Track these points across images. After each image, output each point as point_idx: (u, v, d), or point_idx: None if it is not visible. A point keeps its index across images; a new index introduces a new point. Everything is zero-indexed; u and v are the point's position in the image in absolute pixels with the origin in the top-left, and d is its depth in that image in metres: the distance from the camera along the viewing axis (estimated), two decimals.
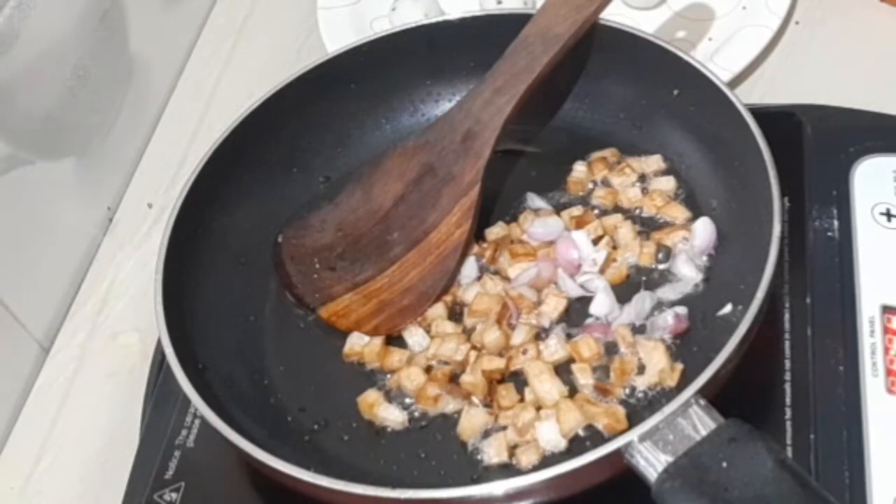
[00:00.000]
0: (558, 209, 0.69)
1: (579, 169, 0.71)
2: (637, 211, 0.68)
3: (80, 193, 0.82)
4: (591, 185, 0.70)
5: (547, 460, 0.57)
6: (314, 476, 0.52)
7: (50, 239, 0.77)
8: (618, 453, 0.51)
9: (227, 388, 0.61)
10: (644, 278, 0.65)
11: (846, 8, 0.81)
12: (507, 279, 0.66)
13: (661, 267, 0.65)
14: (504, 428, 0.59)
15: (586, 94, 0.73)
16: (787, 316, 0.63)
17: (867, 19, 0.81)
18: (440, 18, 0.75)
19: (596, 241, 0.66)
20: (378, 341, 0.64)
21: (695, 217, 0.66)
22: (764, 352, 0.60)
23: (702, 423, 0.50)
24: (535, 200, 0.70)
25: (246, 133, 0.69)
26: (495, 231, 0.69)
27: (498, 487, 0.51)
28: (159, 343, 0.61)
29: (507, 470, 0.58)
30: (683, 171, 0.69)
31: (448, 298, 0.66)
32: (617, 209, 0.68)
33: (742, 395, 0.55)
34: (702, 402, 0.51)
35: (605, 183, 0.70)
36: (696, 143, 0.68)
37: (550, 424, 0.58)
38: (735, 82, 0.77)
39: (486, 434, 0.59)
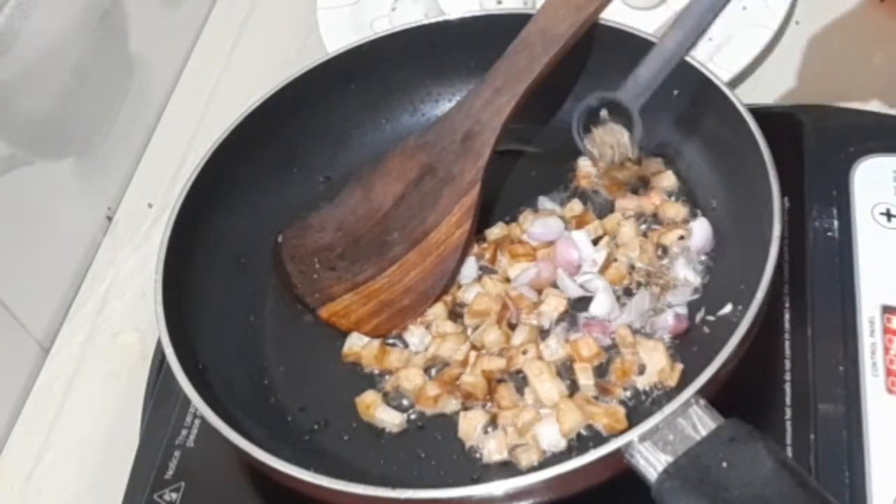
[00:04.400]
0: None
1: (584, 164, 0.71)
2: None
3: (80, 193, 0.82)
4: (596, 179, 0.70)
5: (547, 460, 0.58)
6: (314, 476, 0.52)
7: (50, 239, 0.77)
8: (618, 453, 0.51)
9: (227, 388, 0.61)
10: (644, 278, 0.65)
11: (846, 8, 0.81)
12: (507, 279, 0.66)
13: (662, 267, 0.65)
14: (504, 427, 0.59)
15: (586, 94, 0.73)
16: (787, 316, 0.63)
17: (867, 19, 0.81)
18: (440, 18, 0.75)
19: (596, 241, 0.66)
20: (376, 343, 0.64)
21: (694, 216, 0.66)
22: (764, 352, 0.60)
23: (702, 423, 0.50)
24: (545, 203, 0.70)
25: (246, 133, 0.69)
26: (495, 231, 0.69)
27: (498, 487, 0.51)
28: (159, 343, 0.61)
29: (507, 468, 0.58)
30: (683, 171, 0.69)
31: (448, 298, 0.66)
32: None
33: (742, 395, 0.55)
34: (702, 402, 0.51)
35: (611, 176, 0.70)
36: (696, 142, 0.68)
37: (550, 424, 0.58)
38: (735, 82, 0.77)
39: (486, 433, 0.59)
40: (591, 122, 0.65)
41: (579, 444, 0.58)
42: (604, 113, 0.64)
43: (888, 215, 0.66)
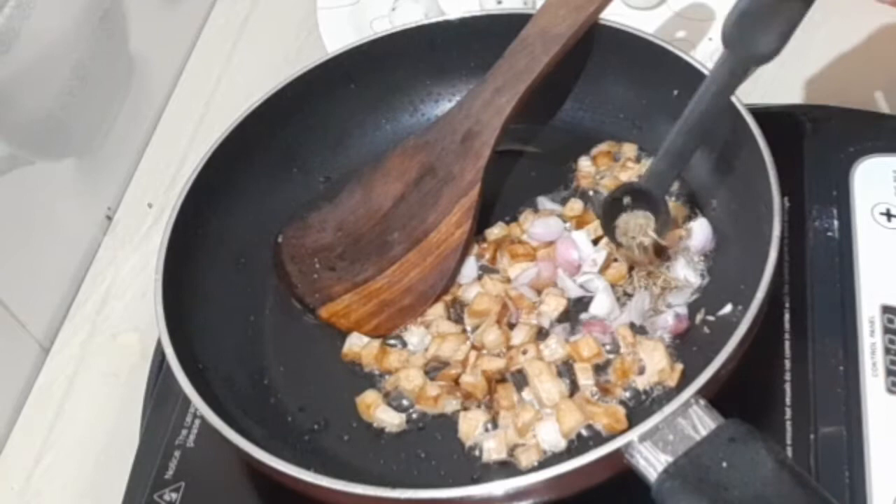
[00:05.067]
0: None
1: (585, 164, 0.71)
2: None
3: (80, 193, 0.82)
4: (598, 178, 0.70)
5: (547, 460, 0.58)
6: (314, 476, 0.52)
7: (50, 239, 0.77)
8: (618, 453, 0.51)
9: (227, 388, 0.61)
10: (644, 278, 0.65)
11: (846, 8, 0.81)
12: (507, 279, 0.66)
13: (662, 267, 0.65)
14: (504, 427, 0.59)
15: (586, 94, 0.73)
16: (787, 316, 0.63)
17: (867, 19, 0.81)
18: (440, 18, 0.75)
19: (596, 241, 0.66)
20: (376, 343, 0.64)
21: (694, 216, 0.66)
22: (764, 352, 0.60)
23: (702, 423, 0.50)
24: (545, 203, 0.70)
25: (246, 133, 0.69)
26: (495, 231, 0.69)
27: (498, 487, 0.51)
28: (159, 343, 0.61)
29: (507, 468, 0.58)
30: (683, 171, 0.69)
31: (448, 298, 0.66)
32: None
33: (742, 395, 0.55)
34: (702, 402, 0.51)
35: (612, 176, 0.70)
36: None
37: (550, 424, 0.58)
38: None
39: (486, 432, 0.59)
40: (616, 211, 0.63)
41: (579, 444, 0.58)
42: (627, 200, 0.63)
43: (888, 215, 0.66)
